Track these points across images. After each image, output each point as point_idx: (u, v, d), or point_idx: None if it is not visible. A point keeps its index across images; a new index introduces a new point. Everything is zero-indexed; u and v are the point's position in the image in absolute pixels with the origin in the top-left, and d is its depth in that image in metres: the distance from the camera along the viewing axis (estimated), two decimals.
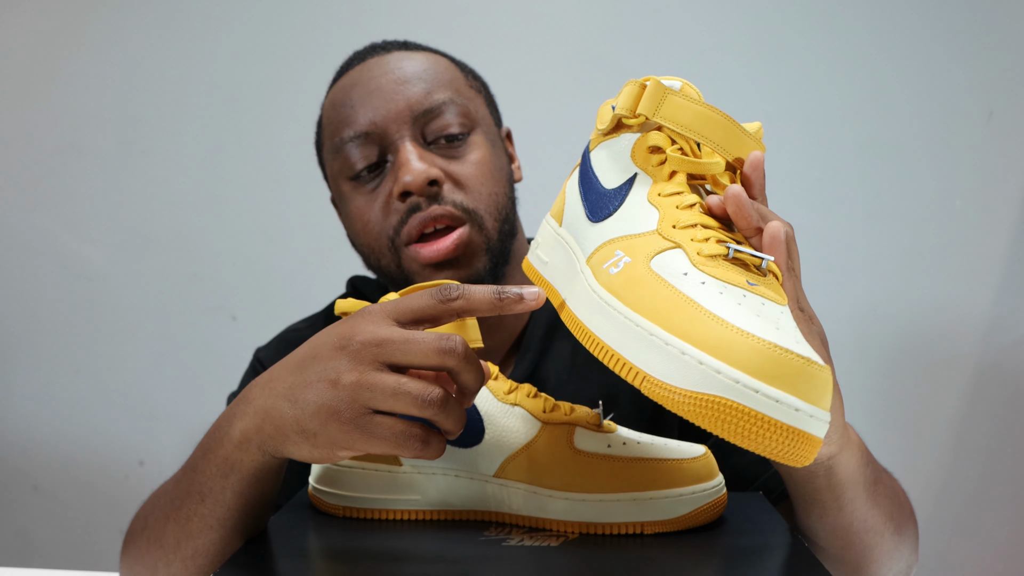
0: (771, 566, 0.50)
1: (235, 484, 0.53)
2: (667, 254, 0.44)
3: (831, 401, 0.40)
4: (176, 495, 0.57)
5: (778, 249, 0.47)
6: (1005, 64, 1.34)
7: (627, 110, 0.50)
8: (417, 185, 0.73)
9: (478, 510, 0.58)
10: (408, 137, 0.76)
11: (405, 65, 0.79)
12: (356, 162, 0.77)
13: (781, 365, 0.38)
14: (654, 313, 0.41)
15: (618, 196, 0.50)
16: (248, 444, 0.52)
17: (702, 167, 0.48)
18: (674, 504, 0.54)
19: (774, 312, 0.41)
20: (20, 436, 1.48)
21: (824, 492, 0.54)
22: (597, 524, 0.54)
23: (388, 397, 0.47)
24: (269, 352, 0.88)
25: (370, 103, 0.77)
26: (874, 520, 0.58)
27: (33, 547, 1.49)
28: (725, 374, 0.38)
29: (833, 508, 0.55)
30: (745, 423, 0.38)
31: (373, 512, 0.59)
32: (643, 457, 0.54)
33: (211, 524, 0.55)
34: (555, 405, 0.58)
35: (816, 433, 0.39)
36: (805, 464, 0.40)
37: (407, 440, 0.48)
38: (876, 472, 0.59)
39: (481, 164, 0.77)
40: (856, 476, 0.55)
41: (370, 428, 0.48)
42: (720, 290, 0.41)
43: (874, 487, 0.57)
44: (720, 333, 0.39)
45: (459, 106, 0.77)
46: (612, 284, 0.45)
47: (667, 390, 0.40)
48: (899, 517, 0.62)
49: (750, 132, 0.50)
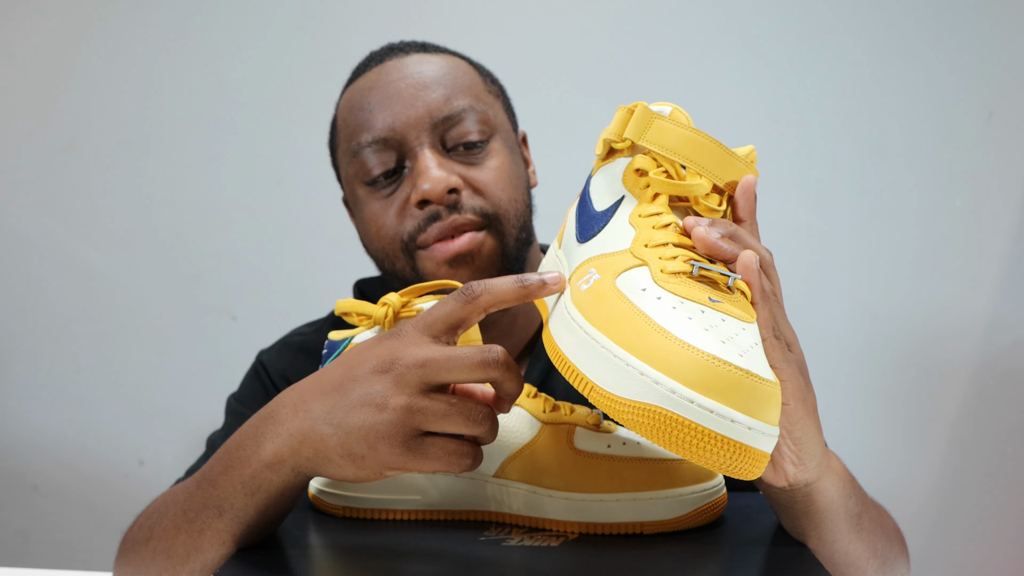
0: (771, 566, 0.50)
1: (260, 503, 0.53)
2: (633, 272, 0.45)
3: (778, 416, 0.41)
4: (190, 507, 0.56)
5: (750, 277, 0.46)
6: (1005, 64, 1.35)
7: (615, 135, 0.52)
8: (436, 194, 0.73)
9: (478, 510, 0.58)
10: (427, 144, 0.75)
11: (424, 69, 0.77)
12: (373, 168, 0.76)
13: (718, 377, 0.38)
14: (608, 327, 0.42)
15: (604, 217, 0.51)
16: (282, 465, 0.51)
17: (683, 189, 0.49)
18: (674, 504, 0.54)
19: (732, 328, 0.42)
20: (20, 436, 1.48)
21: (803, 520, 0.53)
22: (597, 524, 0.54)
23: (439, 419, 0.48)
24: (272, 355, 0.87)
25: (388, 108, 0.75)
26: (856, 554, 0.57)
27: (33, 547, 1.49)
28: (663, 384, 0.39)
29: (813, 537, 0.54)
30: (682, 433, 0.38)
31: (373, 512, 0.59)
32: (643, 457, 0.54)
33: (225, 540, 0.54)
34: (555, 405, 0.58)
35: (757, 446, 0.39)
36: (751, 478, 0.40)
37: (459, 459, 0.49)
38: (862, 504, 0.58)
39: (500, 171, 0.77)
40: (835, 506, 0.54)
41: (423, 450, 0.48)
42: (674, 305, 0.42)
43: (858, 520, 0.56)
44: (663, 345, 0.40)
45: (478, 113, 0.77)
46: (580, 300, 0.46)
47: (609, 399, 0.40)
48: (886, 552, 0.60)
49: (740, 156, 0.51)
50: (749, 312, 0.44)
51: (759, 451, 0.39)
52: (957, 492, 1.38)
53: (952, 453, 1.38)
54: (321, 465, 0.50)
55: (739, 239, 0.48)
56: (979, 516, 1.38)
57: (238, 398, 0.86)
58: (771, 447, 0.40)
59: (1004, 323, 1.36)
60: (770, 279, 0.49)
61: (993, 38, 1.34)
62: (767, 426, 0.39)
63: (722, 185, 0.50)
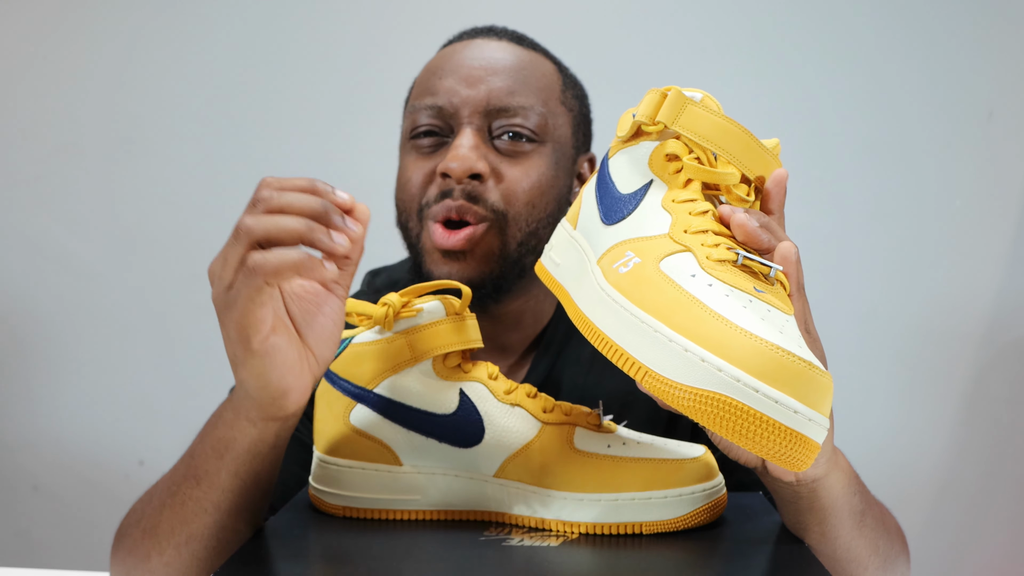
0: (771, 566, 0.50)
1: (230, 464, 0.55)
2: (677, 256, 0.45)
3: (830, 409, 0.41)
4: (172, 482, 0.58)
5: (789, 268, 0.47)
6: (1005, 64, 1.35)
7: (647, 117, 0.51)
8: (459, 173, 0.74)
9: (478, 510, 0.58)
10: (474, 126, 0.76)
11: (503, 56, 0.79)
12: (421, 126, 0.79)
13: (782, 367, 0.38)
14: (659, 311, 0.42)
15: (633, 200, 0.50)
16: (237, 419, 0.54)
17: (717, 176, 0.49)
18: (674, 504, 0.54)
19: (779, 319, 0.42)
20: (20, 436, 1.48)
21: (807, 515, 0.53)
22: (597, 524, 0.54)
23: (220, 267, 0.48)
24: None
25: (456, 81, 0.77)
26: (858, 551, 0.57)
27: (33, 547, 1.49)
28: (726, 372, 0.38)
29: (816, 533, 0.54)
30: (743, 421, 0.38)
31: (373, 512, 0.59)
32: (643, 457, 0.54)
33: (206, 507, 0.55)
34: (555, 405, 0.58)
35: (814, 437, 0.39)
36: (802, 468, 0.40)
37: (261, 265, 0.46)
38: (865, 502, 0.58)
39: (532, 174, 0.77)
40: (840, 503, 0.54)
41: (230, 299, 0.48)
42: (726, 293, 0.42)
43: (860, 517, 0.57)
44: (723, 332, 0.39)
45: (538, 115, 0.77)
46: (620, 283, 0.45)
47: (667, 385, 0.40)
48: (887, 550, 0.61)
49: (767, 148, 0.51)
50: (788, 304, 0.44)
51: (815, 442, 0.39)
52: (957, 490, 1.38)
53: (952, 453, 1.38)
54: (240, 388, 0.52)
55: (773, 231, 0.49)
56: (981, 516, 1.38)
57: None
58: (823, 439, 0.40)
59: (1004, 323, 1.36)
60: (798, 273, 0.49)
61: (993, 38, 1.34)
62: (823, 418, 0.39)
63: (750, 176, 0.50)
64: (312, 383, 0.53)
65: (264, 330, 0.49)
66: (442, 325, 0.57)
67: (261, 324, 0.48)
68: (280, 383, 0.51)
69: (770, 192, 0.51)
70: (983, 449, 1.37)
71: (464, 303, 0.59)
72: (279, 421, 0.54)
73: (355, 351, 0.58)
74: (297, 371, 0.51)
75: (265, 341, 0.49)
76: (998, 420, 1.37)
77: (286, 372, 0.51)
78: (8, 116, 1.47)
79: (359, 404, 0.58)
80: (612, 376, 0.80)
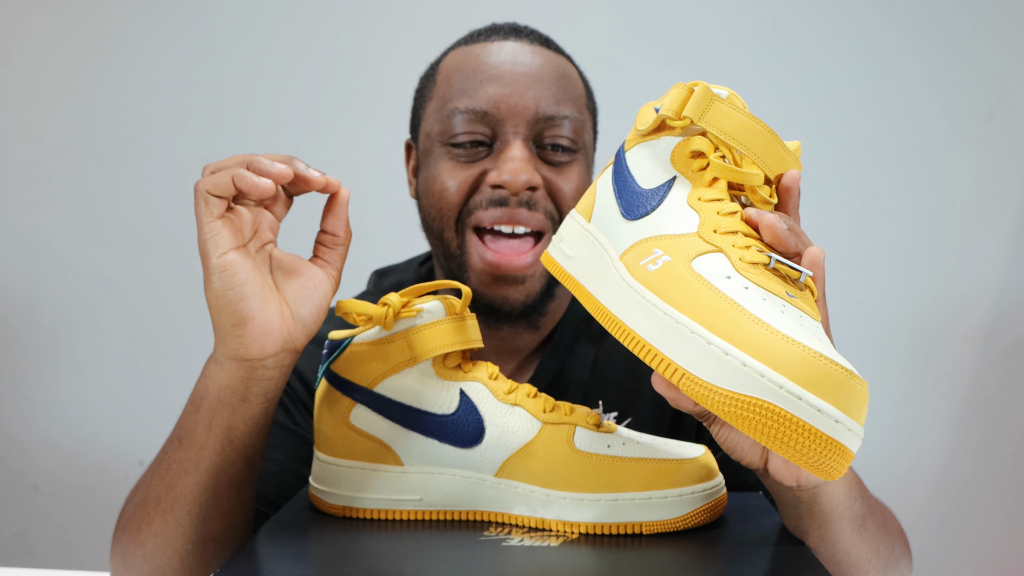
0: (771, 566, 0.50)
1: (205, 417, 0.56)
2: (709, 256, 0.44)
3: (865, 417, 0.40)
4: (161, 450, 0.60)
5: (817, 273, 0.47)
6: (1005, 64, 1.35)
7: (673, 112, 0.50)
8: (516, 186, 0.73)
9: (478, 510, 0.58)
10: (522, 136, 0.75)
11: (544, 63, 0.77)
12: (460, 134, 0.76)
13: (825, 375, 0.38)
14: (695, 312, 0.41)
15: (656, 196, 0.50)
16: (208, 365, 0.57)
17: (743, 176, 0.48)
18: (674, 504, 0.54)
19: (812, 325, 0.41)
20: (20, 436, 1.48)
21: (807, 520, 0.53)
22: (597, 524, 0.54)
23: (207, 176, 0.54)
24: None
25: (499, 86, 0.75)
26: (858, 555, 0.57)
27: (33, 547, 1.49)
28: (769, 378, 0.38)
29: (816, 538, 0.54)
30: (785, 429, 0.38)
31: (373, 512, 0.59)
32: (643, 457, 0.54)
33: (186, 468, 0.57)
34: (555, 405, 0.58)
35: (851, 447, 0.39)
36: (835, 478, 0.40)
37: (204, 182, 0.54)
38: (867, 507, 0.58)
39: (578, 182, 0.77)
40: (841, 509, 0.54)
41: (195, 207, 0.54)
42: (763, 297, 0.41)
43: (861, 522, 0.57)
44: (765, 337, 0.39)
45: (577, 123, 0.77)
46: (649, 280, 0.44)
47: (708, 389, 0.39)
48: (888, 553, 0.61)
49: (790, 150, 0.50)
50: (815, 311, 0.44)
51: (851, 451, 0.39)
52: (958, 492, 1.38)
53: (953, 453, 1.38)
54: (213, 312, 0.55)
55: (798, 234, 0.49)
56: (980, 515, 1.38)
57: None
58: (858, 447, 0.39)
59: (1004, 322, 1.36)
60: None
61: (993, 38, 1.34)
62: (859, 427, 0.39)
63: (772, 177, 0.50)
64: (285, 337, 0.55)
65: (221, 245, 0.53)
66: (442, 325, 0.57)
67: (217, 238, 0.53)
68: (238, 306, 0.53)
69: (785, 193, 0.51)
70: (983, 449, 1.37)
71: (464, 303, 0.59)
72: (244, 364, 0.55)
73: (355, 351, 0.58)
74: (260, 302, 0.54)
75: (223, 256, 0.53)
76: (998, 419, 1.37)
77: (246, 295, 0.53)
78: (8, 116, 1.47)
79: (359, 404, 0.58)
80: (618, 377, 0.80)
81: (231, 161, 0.55)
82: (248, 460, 0.59)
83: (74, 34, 1.45)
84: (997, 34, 1.34)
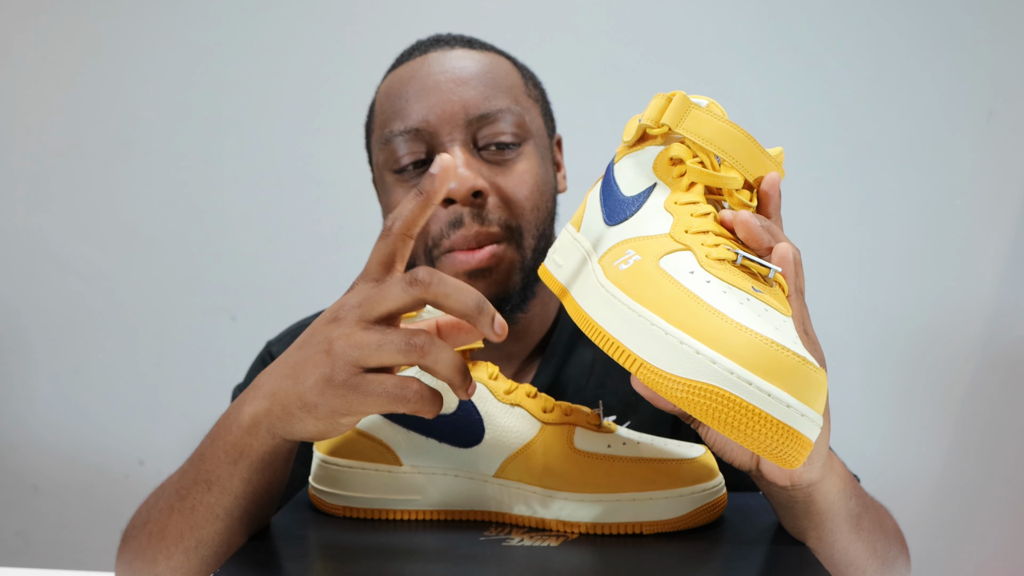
0: (771, 566, 0.50)
1: (243, 471, 0.54)
2: (676, 255, 0.45)
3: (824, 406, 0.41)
4: (182, 485, 0.57)
5: (787, 269, 0.47)
6: (1005, 64, 1.35)
7: (652, 121, 0.52)
8: (461, 194, 0.72)
9: (478, 510, 0.58)
10: (459, 141, 0.74)
11: (466, 65, 0.76)
12: (402, 157, 0.76)
13: (776, 361, 0.38)
14: (656, 305, 0.42)
15: (636, 202, 0.51)
16: (257, 428, 0.53)
17: (719, 180, 0.49)
18: (674, 504, 0.54)
19: (776, 318, 0.42)
20: (20, 436, 1.48)
21: (802, 520, 0.53)
22: (597, 524, 0.54)
23: (375, 350, 0.48)
24: (283, 347, 0.86)
25: (425, 100, 0.75)
26: (855, 555, 0.57)
27: (33, 547, 1.49)
28: (720, 364, 0.39)
29: (813, 538, 0.54)
30: (736, 414, 0.38)
31: (373, 512, 0.59)
32: (643, 457, 0.54)
33: (217, 513, 0.54)
34: (555, 405, 0.58)
35: (806, 433, 0.39)
36: (794, 466, 0.40)
37: (402, 392, 0.48)
38: (862, 506, 0.58)
39: (528, 177, 0.76)
40: (837, 508, 0.54)
41: (363, 386, 0.48)
42: (724, 289, 0.42)
43: (857, 521, 0.56)
44: (719, 325, 0.40)
45: (515, 115, 0.76)
46: (620, 279, 0.46)
47: (661, 376, 0.40)
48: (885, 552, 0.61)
49: (771, 155, 0.51)
50: (786, 306, 0.44)
51: (807, 438, 0.39)
52: (958, 492, 1.38)
53: (953, 453, 1.38)
54: (287, 421, 0.51)
55: (774, 233, 0.49)
56: (980, 516, 1.38)
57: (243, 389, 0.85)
58: (816, 436, 0.40)
59: (1004, 323, 1.36)
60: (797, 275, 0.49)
61: (993, 38, 1.34)
62: (816, 414, 0.39)
63: (752, 181, 0.51)
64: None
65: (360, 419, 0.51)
66: None
67: (366, 414, 0.50)
68: (342, 429, 0.52)
69: (765, 196, 0.51)
70: (983, 449, 1.37)
71: None
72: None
73: None
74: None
75: (352, 423, 0.51)
76: (998, 419, 1.37)
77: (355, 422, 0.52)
78: (8, 116, 1.47)
79: None
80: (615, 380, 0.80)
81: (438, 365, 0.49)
82: (276, 500, 0.58)
83: (74, 34, 1.45)
84: (997, 34, 1.34)
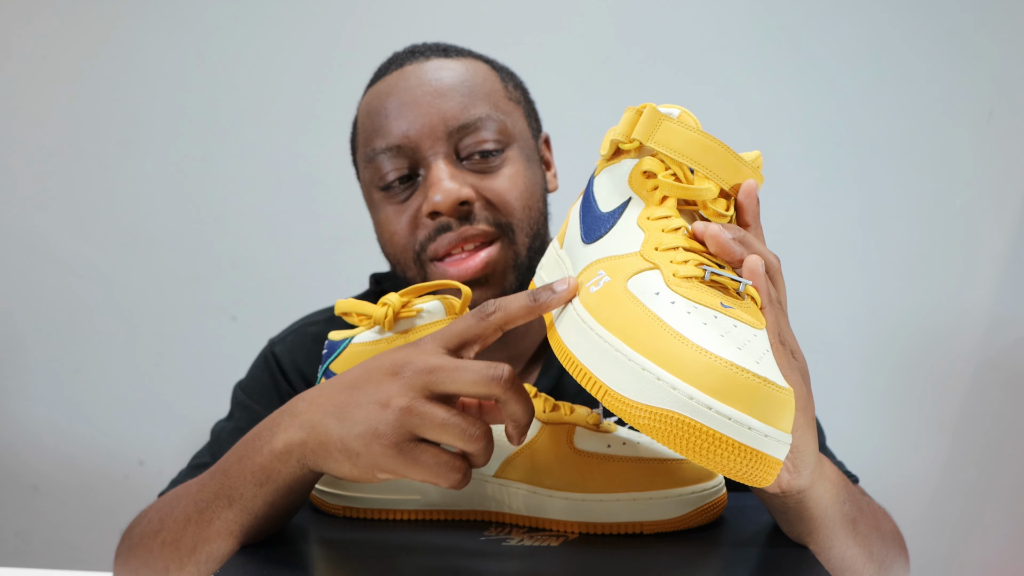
0: (771, 566, 0.50)
1: (268, 494, 0.53)
2: (644, 275, 0.45)
3: (792, 424, 0.40)
4: (201, 497, 0.56)
5: (757, 281, 0.47)
6: (1005, 64, 1.35)
7: (623, 135, 0.51)
8: (447, 206, 0.72)
9: (478, 510, 0.58)
10: (441, 154, 0.74)
11: (443, 75, 0.76)
12: (387, 173, 0.76)
13: (736, 384, 0.38)
14: (621, 330, 0.42)
15: (611, 219, 0.51)
16: (289, 456, 0.52)
17: (691, 192, 0.49)
18: (674, 504, 0.54)
19: (745, 334, 0.42)
20: (20, 436, 1.48)
21: (797, 525, 0.53)
22: (597, 524, 0.54)
23: (435, 427, 0.48)
24: (285, 347, 0.86)
25: (404, 115, 0.75)
26: (852, 558, 0.57)
27: (33, 547, 1.49)
28: (680, 390, 0.39)
29: (809, 542, 0.54)
30: (698, 439, 0.38)
31: (373, 512, 0.59)
32: (643, 457, 0.54)
33: (233, 530, 0.54)
34: (555, 405, 0.58)
35: (772, 453, 0.39)
36: (764, 485, 0.40)
37: (448, 471, 0.49)
38: (857, 509, 0.58)
39: (514, 180, 0.76)
40: (830, 513, 0.54)
41: (414, 455, 0.48)
42: (688, 310, 0.42)
43: (853, 525, 0.56)
44: (679, 351, 0.39)
45: (496, 121, 0.76)
46: (589, 302, 0.45)
47: (625, 404, 0.40)
48: (883, 555, 0.60)
49: (747, 161, 0.50)
50: (759, 318, 0.44)
51: (773, 458, 0.39)
52: (957, 493, 1.38)
53: (952, 453, 1.38)
54: (322, 458, 0.51)
55: (748, 244, 0.48)
56: (979, 517, 1.38)
57: (244, 388, 0.85)
58: (784, 454, 0.40)
59: (1004, 323, 1.36)
60: (776, 285, 0.49)
61: (993, 38, 1.34)
62: (782, 433, 0.39)
63: (728, 189, 0.50)
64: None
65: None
66: (442, 325, 0.57)
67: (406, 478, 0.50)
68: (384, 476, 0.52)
69: (742, 204, 0.51)
70: (982, 450, 1.37)
71: (464, 303, 0.59)
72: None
73: (355, 351, 0.58)
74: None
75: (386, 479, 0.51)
76: (997, 420, 1.37)
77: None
78: (8, 116, 1.47)
79: None
80: None
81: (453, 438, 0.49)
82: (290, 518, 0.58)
83: (74, 34, 1.45)
84: (997, 34, 1.34)
